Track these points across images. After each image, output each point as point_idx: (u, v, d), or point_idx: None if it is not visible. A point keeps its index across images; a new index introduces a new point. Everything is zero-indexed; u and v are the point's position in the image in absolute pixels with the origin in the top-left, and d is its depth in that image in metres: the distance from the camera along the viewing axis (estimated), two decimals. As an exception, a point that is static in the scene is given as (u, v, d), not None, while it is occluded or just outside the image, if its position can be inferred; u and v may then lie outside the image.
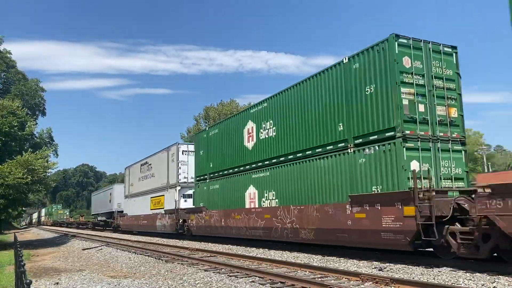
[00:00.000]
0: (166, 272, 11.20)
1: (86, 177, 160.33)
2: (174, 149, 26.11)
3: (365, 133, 11.58)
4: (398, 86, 10.73)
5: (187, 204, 24.20)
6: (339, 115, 12.53)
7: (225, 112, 55.82)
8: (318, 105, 13.45)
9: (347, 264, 10.77)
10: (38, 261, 17.10)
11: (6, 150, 25.97)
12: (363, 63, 11.74)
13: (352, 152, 11.86)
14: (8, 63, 42.85)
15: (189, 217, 22.24)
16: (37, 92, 44.95)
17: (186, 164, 25.22)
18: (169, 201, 25.83)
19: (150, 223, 28.88)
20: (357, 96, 11.89)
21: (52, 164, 26.91)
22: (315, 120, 13.51)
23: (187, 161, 25.20)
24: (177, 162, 25.36)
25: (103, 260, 15.85)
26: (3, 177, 21.58)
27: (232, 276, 9.62)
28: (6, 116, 25.09)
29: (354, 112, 11.99)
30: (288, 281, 8.52)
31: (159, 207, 27.46)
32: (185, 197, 24.89)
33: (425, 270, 9.10)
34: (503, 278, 7.85)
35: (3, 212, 27.82)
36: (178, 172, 25.17)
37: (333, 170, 12.46)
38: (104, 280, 10.74)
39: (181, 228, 23.51)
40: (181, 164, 25.30)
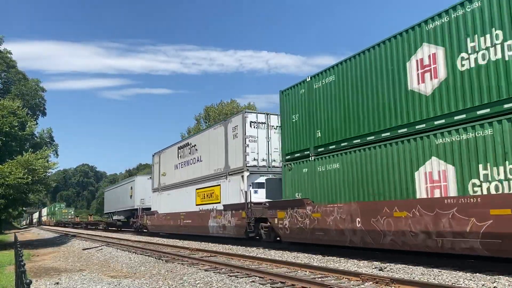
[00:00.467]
0: (166, 272, 11.20)
1: (86, 177, 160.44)
2: (237, 121, 19.03)
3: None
4: None
5: (258, 196, 17.44)
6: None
7: (226, 112, 55.85)
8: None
9: (347, 264, 10.77)
10: (38, 261, 17.10)
11: (6, 150, 25.99)
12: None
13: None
14: (8, 63, 42.85)
15: (274, 215, 14.96)
16: (37, 92, 44.99)
17: (255, 140, 18.45)
18: (230, 192, 19.11)
19: (197, 223, 21.59)
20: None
21: (52, 164, 26.97)
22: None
23: (257, 137, 18.50)
24: (244, 137, 18.36)
25: (103, 260, 15.86)
26: (4, 177, 21.60)
27: (233, 276, 9.62)
28: (7, 116, 25.11)
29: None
30: (289, 281, 8.51)
31: (211, 202, 20.67)
32: (254, 186, 18.13)
33: (425, 270, 9.10)
34: (503, 278, 7.84)
35: (4, 212, 27.85)
36: (246, 152, 18.17)
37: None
38: (104, 280, 10.74)
39: (253, 230, 16.66)
40: (249, 141, 18.33)
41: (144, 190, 33.99)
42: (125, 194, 39.54)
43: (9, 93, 39.87)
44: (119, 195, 42.38)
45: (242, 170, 18.22)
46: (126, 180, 42.68)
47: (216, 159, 20.66)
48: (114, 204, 45.11)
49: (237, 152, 18.66)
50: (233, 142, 19.18)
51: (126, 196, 38.72)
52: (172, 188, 26.05)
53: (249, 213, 16.75)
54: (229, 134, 19.58)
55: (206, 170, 21.65)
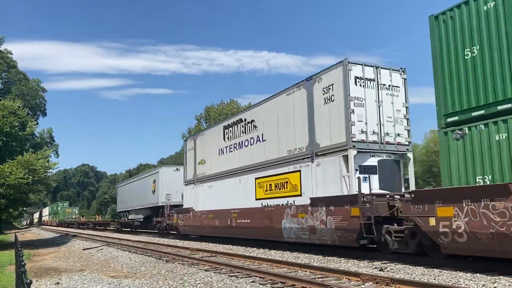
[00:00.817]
0: (166, 272, 11.20)
1: (86, 177, 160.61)
2: (333, 77, 13.51)
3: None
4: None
5: (366, 186, 11.84)
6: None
7: (226, 112, 55.87)
8: None
9: (348, 264, 10.77)
10: (38, 261, 17.11)
11: (7, 150, 26.00)
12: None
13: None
14: (9, 63, 42.87)
15: (426, 212, 9.37)
16: (37, 92, 45.00)
17: (362, 104, 12.91)
18: (320, 180, 13.67)
19: (261, 224, 15.96)
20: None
21: (52, 164, 27.00)
22: None
23: (364, 99, 12.98)
24: (346, 100, 12.85)
25: (103, 260, 15.86)
26: (4, 177, 21.62)
27: (233, 276, 9.62)
28: (7, 116, 25.12)
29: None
30: (289, 281, 8.51)
31: (285, 194, 15.16)
32: (364, 171, 12.66)
33: (425, 270, 9.09)
34: (503, 278, 7.84)
35: (4, 212, 27.88)
36: (350, 121, 12.65)
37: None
38: (104, 280, 10.75)
39: (373, 235, 11.06)
40: (354, 105, 12.81)
41: (170, 184, 29.31)
42: (145, 190, 33.74)
43: (9, 93, 39.87)
44: (137, 191, 36.59)
45: (344, 147, 12.75)
46: (147, 173, 35.93)
47: (291, 136, 14.96)
48: (130, 201, 39.07)
49: (333, 123, 13.25)
50: (324, 109, 13.69)
51: (147, 191, 32.95)
52: (216, 178, 20.51)
53: (366, 210, 11.17)
54: (317, 99, 14.03)
55: (272, 152, 16.07)
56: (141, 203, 34.89)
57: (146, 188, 33.38)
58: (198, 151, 23.11)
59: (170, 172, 30.68)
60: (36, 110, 44.58)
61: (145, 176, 35.49)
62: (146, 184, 33.79)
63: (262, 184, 16.74)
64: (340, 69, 13.20)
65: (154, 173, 32.94)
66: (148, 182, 33.20)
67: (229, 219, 18.38)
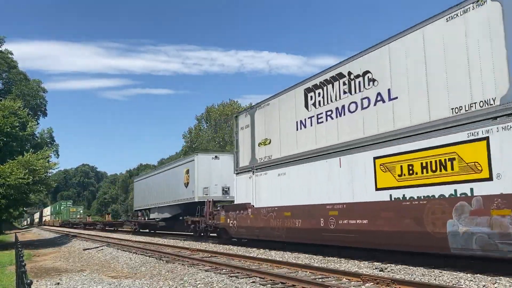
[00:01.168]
0: (167, 273, 11.20)
1: (87, 177, 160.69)
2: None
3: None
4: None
5: None
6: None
7: (227, 112, 55.91)
8: None
9: (348, 265, 10.77)
10: (39, 261, 17.12)
11: (7, 150, 26.03)
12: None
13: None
14: (9, 63, 42.97)
15: None
16: (38, 93, 45.06)
17: None
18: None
19: (395, 227, 10.41)
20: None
21: (53, 164, 27.07)
22: None
23: None
24: None
25: (104, 260, 15.87)
26: (5, 177, 21.65)
27: (233, 277, 9.62)
28: (8, 117, 25.16)
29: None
30: (289, 282, 8.51)
31: (444, 180, 9.55)
32: None
33: (426, 271, 9.09)
34: (504, 279, 7.84)
35: (4, 212, 27.87)
36: None
37: None
38: (105, 280, 10.75)
39: None
40: None
41: (208, 175, 24.25)
42: (173, 183, 27.96)
43: (10, 93, 39.93)
44: (162, 184, 30.51)
45: None
46: (176, 162, 29.34)
47: (461, 83, 9.38)
48: (151, 197, 32.93)
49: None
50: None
51: (177, 185, 27.31)
52: (292, 162, 14.62)
53: None
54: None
55: (412, 115, 10.54)
56: (167, 199, 28.86)
57: (176, 180, 27.41)
58: (258, 128, 17.08)
59: (207, 160, 24.77)
60: (37, 110, 44.65)
61: (174, 166, 28.78)
62: (175, 176, 27.73)
63: (390, 166, 11.02)
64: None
65: (187, 162, 26.30)
66: (179, 173, 26.91)
67: (322, 219, 12.74)
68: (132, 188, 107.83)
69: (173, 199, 28.03)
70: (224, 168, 23.55)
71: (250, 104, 59.41)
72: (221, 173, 23.13)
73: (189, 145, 57.06)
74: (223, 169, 22.77)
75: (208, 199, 22.20)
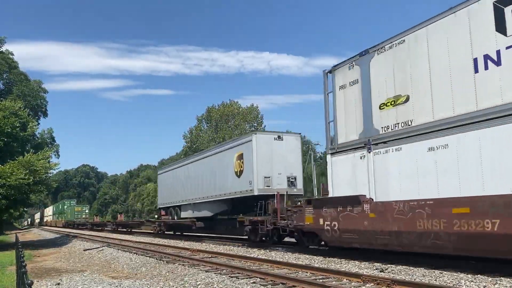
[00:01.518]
0: (167, 273, 11.20)
1: (87, 177, 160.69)
2: None
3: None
4: None
5: None
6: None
7: (227, 113, 55.93)
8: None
9: (349, 265, 10.76)
10: (39, 261, 17.13)
11: (8, 151, 26.06)
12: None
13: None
14: (10, 64, 43.03)
15: None
16: (39, 93, 45.12)
17: None
18: None
19: None
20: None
21: (53, 165, 27.10)
22: None
23: None
24: None
25: (104, 260, 15.87)
26: (5, 177, 21.65)
27: (234, 277, 9.62)
28: (8, 117, 25.19)
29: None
30: (290, 282, 8.51)
31: None
32: None
33: (426, 272, 9.09)
34: (504, 279, 7.83)
35: (5, 212, 27.92)
36: None
37: None
38: (105, 281, 10.75)
39: None
40: None
41: (270, 161, 18.42)
42: (218, 172, 21.67)
43: (10, 93, 39.99)
44: (200, 175, 23.98)
45: None
46: (223, 146, 22.55)
47: None
48: (183, 192, 26.32)
49: None
50: None
51: (223, 174, 20.93)
52: (464, 127, 9.22)
53: None
54: None
55: None
56: (208, 194, 22.61)
57: (222, 169, 21.23)
58: (378, 81, 11.68)
59: (268, 141, 18.65)
60: (37, 110, 44.70)
61: (219, 152, 22.18)
62: (220, 163, 21.51)
63: None
64: None
65: (239, 144, 19.75)
66: (226, 160, 20.77)
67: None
68: (132, 189, 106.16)
69: (217, 193, 21.55)
70: (289, 153, 18.79)
71: (252, 105, 59.79)
72: (286, 159, 18.34)
73: (190, 145, 57.09)
74: (287, 154, 18.23)
75: (270, 191, 17.41)
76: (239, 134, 48.95)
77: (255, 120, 56.18)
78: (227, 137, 49.93)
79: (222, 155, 21.62)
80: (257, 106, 57.33)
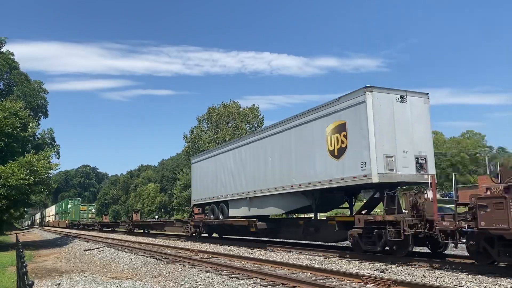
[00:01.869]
0: (167, 274, 11.20)
1: (87, 178, 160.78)
2: None
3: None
4: None
5: None
6: None
7: (227, 113, 55.94)
8: None
9: (349, 266, 10.76)
10: (40, 262, 17.13)
11: (8, 151, 26.05)
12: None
13: None
14: (11, 64, 43.03)
15: None
16: (39, 93, 45.12)
17: None
18: None
19: None
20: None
21: (54, 166, 27.05)
22: None
23: None
24: None
25: (104, 261, 15.87)
26: (6, 178, 21.66)
27: (234, 278, 9.62)
28: (9, 117, 25.18)
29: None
30: (290, 283, 8.51)
31: None
32: None
33: (427, 272, 9.09)
34: (505, 280, 7.83)
35: (5, 213, 27.91)
36: None
37: None
38: (105, 281, 10.75)
39: None
40: None
41: (392, 133, 12.27)
42: (294, 152, 15.48)
43: (11, 94, 39.99)
44: (261, 159, 17.70)
45: None
46: (304, 115, 15.15)
47: None
48: (233, 183, 19.97)
49: None
50: None
51: (304, 155, 14.85)
52: None
53: None
54: None
55: None
56: (279, 183, 16.17)
57: (304, 147, 14.87)
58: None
59: (388, 103, 12.51)
60: (38, 111, 44.69)
61: (299, 124, 15.31)
62: (302, 139, 15.08)
63: None
64: None
65: (339, 110, 13.36)
66: (312, 134, 14.51)
67: None
68: (133, 189, 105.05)
69: (294, 183, 15.16)
70: (416, 121, 12.74)
71: (253, 105, 59.72)
72: (412, 130, 12.63)
73: (190, 146, 57.11)
74: (414, 123, 12.68)
75: (395, 178, 12.09)
76: (240, 134, 48.95)
77: (256, 120, 56.19)
78: (228, 138, 49.93)
79: (302, 129, 14.97)
80: (257, 107, 57.37)
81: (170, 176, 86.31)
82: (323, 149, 13.79)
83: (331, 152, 13.44)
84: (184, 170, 61.38)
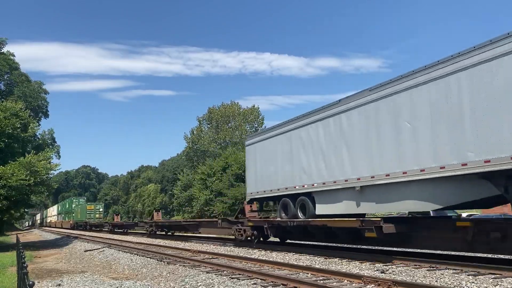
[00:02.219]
0: (168, 274, 11.20)
1: (88, 178, 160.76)
2: None
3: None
4: None
5: None
6: None
7: (228, 113, 55.99)
8: None
9: (349, 266, 10.75)
10: (40, 262, 17.14)
11: (9, 152, 26.07)
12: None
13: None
14: (11, 65, 43.07)
15: None
16: (39, 94, 45.16)
17: None
18: None
19: None
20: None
21: (54, 166, 27.08)
22: None
23: None
24: None
25: (105, 261, 15.88)
26: (6, 178, 21.67)
27: (234, 278, 9.62)
28: (9, 118, 25.20)
29: None
30: (290, 283, 8.51)
31: None
32: None
33: (427, 273, 9.08)
34: (506, 280, 7.82)
35: (6, 213, 27.94)
36: None
37: None
38: (106, 282, 10.75)
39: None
40: None
41: None
42: (466, 111, 9.03)
43: (12, 94, 40.02)
44: (380, 127, 11.42)
45: None
46: (477, 50, 8.74)
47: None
48: (323, 166, 13.66)
49: None
50: None
51: (486, 116, 8.62)
52: None
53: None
54: None
55: None
56: (428, 163, 9.96)
57: (493, 98, 8.58)
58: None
59: None
60: (38, 111, 44.74)
61: (469, 65, 8.99)
62: (485, 84, 8.72)
63: None
64: None
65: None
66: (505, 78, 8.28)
67: None
68: (133, 190, 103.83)
69: (469, 160, 9.07)
70: None
71: (254, 106, 59.71)
72: None
73: (191, 146, 57.13)
74: None
75: None
76: (240, 135, 48.97)
77: (256, 120, 56.24)
78: (228, 138, 49.98)
79: (485, 70, 8.85)
80: (258, 107, 57.42)
81: (170, 177, 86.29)
82: None
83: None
84: (184, 170, 61.43)
